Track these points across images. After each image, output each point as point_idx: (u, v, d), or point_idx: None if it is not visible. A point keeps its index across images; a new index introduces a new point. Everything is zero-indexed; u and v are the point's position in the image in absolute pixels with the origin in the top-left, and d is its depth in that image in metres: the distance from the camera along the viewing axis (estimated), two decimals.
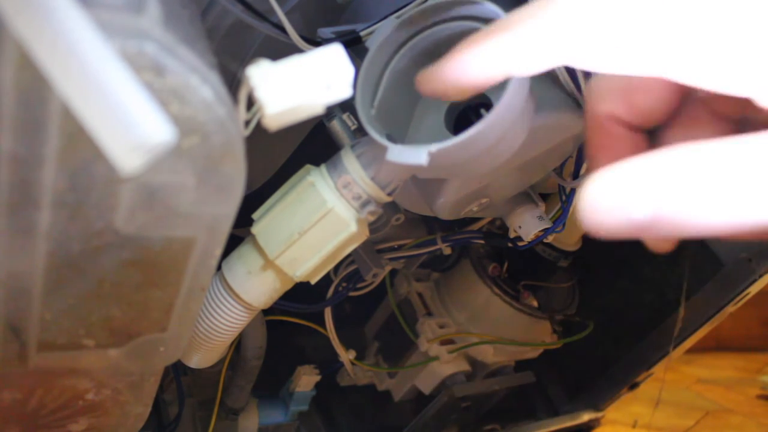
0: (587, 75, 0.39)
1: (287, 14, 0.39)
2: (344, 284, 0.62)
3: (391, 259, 0.60)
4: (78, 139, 0.23)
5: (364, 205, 0.40)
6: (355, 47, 0.41)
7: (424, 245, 0.61)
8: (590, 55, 0.21)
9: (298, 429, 0.79)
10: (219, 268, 0.43)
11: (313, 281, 0.43)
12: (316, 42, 0.41)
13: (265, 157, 0.52)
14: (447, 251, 0.63)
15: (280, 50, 0.40)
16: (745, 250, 0.67)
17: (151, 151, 0.18)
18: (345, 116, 0.45)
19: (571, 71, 0.39)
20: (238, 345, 0.64)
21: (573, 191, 0.52)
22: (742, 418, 1.36)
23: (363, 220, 0.40)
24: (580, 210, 0.20)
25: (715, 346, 1.74)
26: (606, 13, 0.20)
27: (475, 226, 0.65)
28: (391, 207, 0.52)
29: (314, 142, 0.49)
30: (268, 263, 0.41)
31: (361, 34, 0.41)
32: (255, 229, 0.41)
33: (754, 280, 0.67)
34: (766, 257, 0.65)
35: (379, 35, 0.39)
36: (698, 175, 0.19)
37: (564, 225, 0.55)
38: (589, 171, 0.26)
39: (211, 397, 0.68)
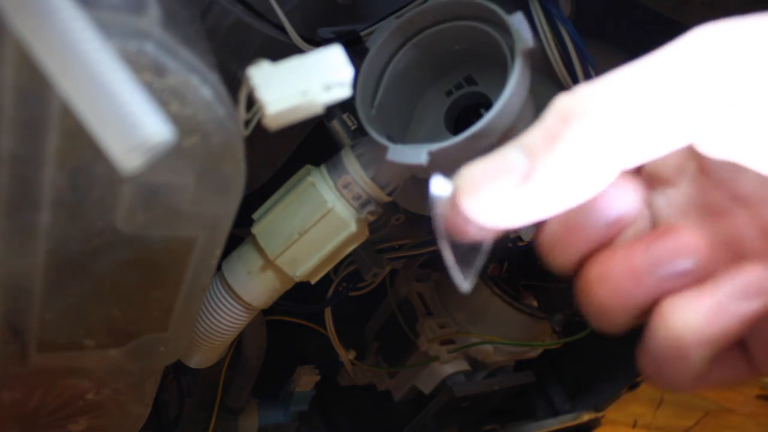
0: (587, 75, 0.39)
1: (287, 14, 0.39)
2: (344, 284, 0.62)
3: (391, 259, 0.60)
4: (78, 139, 0.23)
5: (364, 205, 0.40)
6: (355, 47, 0.41)
7: (424, 245, 0.61)
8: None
9: (298, 429, 0.79)
10: (219, 268, 0.43)
11: (313, 281, 0.43)
12: (316, 42, 0.41)
13: (265, 157, 0.52)
14: None
15: (280, 50, 0.40)
16: None
17: (151, 151, 0.18)
18: (345, 116, 0.45)
19: (571, 71, 0.39)
20: (238, 345, 0.64)
21: None
22: (742, 418, 1.36)
23: (363, 220, 0.40)
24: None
25: None
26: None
27: None
28: (391, 207, 0.52)
29: (314, 142, 0.49)
30: (268, 263, 0.41)
31: (361, 34, 0.41)
32: (255, 229, 0.41)
33: None
34: None
35: (379, 35, 0.39)
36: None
37: None
38: None
39: (211, 397, 0.68)
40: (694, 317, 0.21)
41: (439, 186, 0.23)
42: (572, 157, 0.21)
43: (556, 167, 0.21)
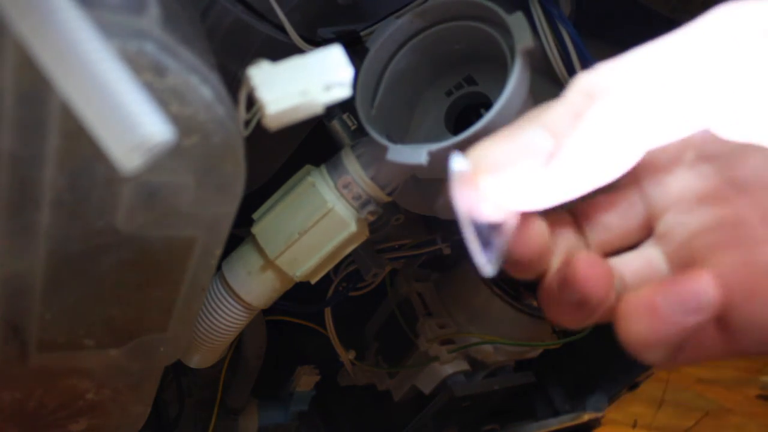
0: None
1: (287, 14, 0.39)
2: (344, 284, 0.62)
3: (391, 259, 0.60)
4: (78, 139, 0.23)
5: (364, 205, 0.40)
6: (355, 47, 0.41)
7: (424, 245, 0.61)
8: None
9: (298, 429, 0.79)
10: (219, 268, 0.43)
11: (313, 281, 0.43)
12: (316, 42, 0.41)
13: (266, 157, 0.52)
14: (447, 251, 0.63)
15: (280, 50, 0.40)
16: None
17: (151, 151, 0.18)
18: (345, 116, 0.45)
19: (571, 71, 0.39)
20: (238, 345, 0.64)
21: None
22: (742, 418, 1.36)
23: (363, 220, 0.40)
24: None
25: None
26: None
27: None
28: (391, 207, 0.52)
29: (314, 142, 0.49)
30: (268, 263, 0.41)
31: (361, 34, 0.41)
32: (255, 229, 0.41)
33: None
34: None
35: (379, 35, 0.39)
36: None
37: None
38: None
39: (211, 397, 0.68)
40: (638, 329, 0.22)
41: (460, 164, 0.22)
42: (599, 135, 0.20)
43: (582, 146, 0.20)
